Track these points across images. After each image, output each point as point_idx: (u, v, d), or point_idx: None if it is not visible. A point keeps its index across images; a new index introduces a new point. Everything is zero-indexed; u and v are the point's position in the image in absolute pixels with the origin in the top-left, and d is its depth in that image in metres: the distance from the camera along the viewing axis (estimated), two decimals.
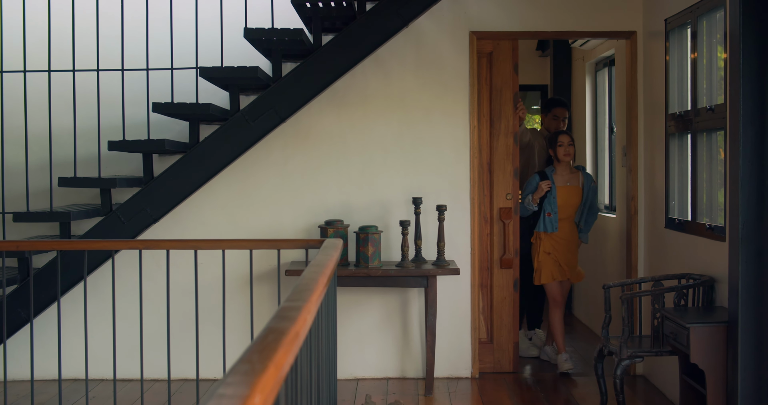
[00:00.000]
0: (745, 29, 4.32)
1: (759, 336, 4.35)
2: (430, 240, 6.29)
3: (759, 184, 4.34)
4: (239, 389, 1.45)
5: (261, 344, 1.77)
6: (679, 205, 5.72)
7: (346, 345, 6.24)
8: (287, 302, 2.27)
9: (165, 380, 6.10)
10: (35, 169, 6.09)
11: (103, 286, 6.01)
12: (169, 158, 6.07)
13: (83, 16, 5.90)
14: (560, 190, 6.48)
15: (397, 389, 6.06)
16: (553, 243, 6.52)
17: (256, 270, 6.15)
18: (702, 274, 5.11)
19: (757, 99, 4.34)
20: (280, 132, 6.16)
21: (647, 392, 5.98)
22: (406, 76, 6.31)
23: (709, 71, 5.26)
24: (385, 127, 6.30)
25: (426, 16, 6.18)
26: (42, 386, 6.05)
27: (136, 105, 6.01)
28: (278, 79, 5.61)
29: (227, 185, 6.27)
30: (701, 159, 5.33)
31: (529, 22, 6.34)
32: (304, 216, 6.30)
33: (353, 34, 5.57)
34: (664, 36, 5.88)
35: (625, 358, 4.98)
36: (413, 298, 6.35)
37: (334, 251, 3.66)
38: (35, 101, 6.01)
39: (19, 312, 5.37)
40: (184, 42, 5.87)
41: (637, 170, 6.38)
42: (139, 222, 5.54)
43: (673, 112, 5.75)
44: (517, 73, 6.49)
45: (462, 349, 6.37)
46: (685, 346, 4.55)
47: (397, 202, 6.32)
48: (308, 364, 2.57)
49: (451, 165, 6.32)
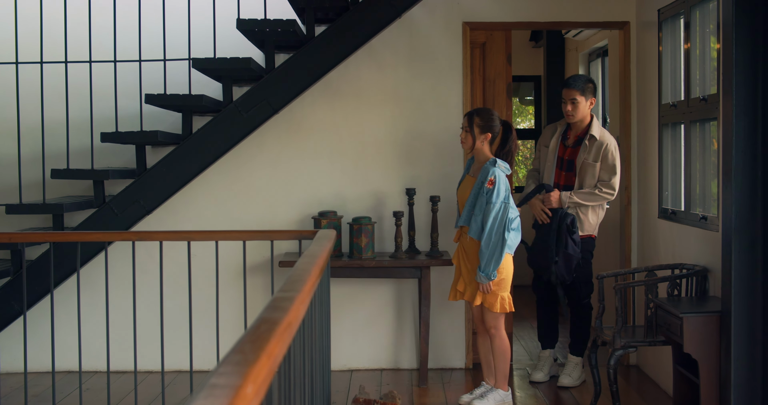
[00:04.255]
0: (738, 19, 4.32)
1: (751, 326, 4.36)
2: (424, 231, 6.29)
3: (752, 174, 4.35)
4: (231, 379, 1.45)
5: (253, 334, 1.77)
6: (673, 195, 5.73)
7: (339, 336, 6.25)
8: (280, 293, 2.27)
9: (159, 372, 6.10)
10: (28, 161, 6.07)
11: (97, 277, 6.00)
12: (162, 150, 6.06)
13: (75, 7, 5.87)
14: (464, 182, 5.46)
15: (390, 380, 6.07)
16: (460, 246, 5.43)
17: (250, 261, 6.14)
18: (695, 265, 5.12)
19: (750, 89, 4.34)
20: (273, 123, 6.15)
21: (641, 382, 6.00)
22: (399, 66, 6.31)
23: (702, 61, 5.26)
24: (378, 117, 6.29)
25: (419, 6, 6.17)
26: (35, 378, 6.04)
27: (128, 96, 6.00)
28: (271, 70, 5.59)
29: (220, 177, 6.26)
30: (694, 149, 5.33)
31: (522, 12, 6.33)
32: (298, 207, 6.30)
33: (346, 25, 5.55)
34: (657, 26, 5.88)
35: (618, 348, 4.99)
36: (407, 288, 6.35)
37: (328, 242, 3.66)
38: (28, 93, 5.98)
39: (12, 304, 5.36)
40: (176, 33, 5.85)
41: (630, 160, 6.38)
42: (133, 214, 5.53)
43: (666, 102, 5.76)
44: (511, 63, 6.49)
45: (456, 340, 6.37)
46: (678, 335, 4.56)
47: (390, 193, 6.31)
48: (301, 354, 2.57)
49: (445, 156, 6.32)
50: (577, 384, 5.89)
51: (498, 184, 5.09)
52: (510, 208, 5.11)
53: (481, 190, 5.12)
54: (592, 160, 5.64)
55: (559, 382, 5.88)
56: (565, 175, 5.78)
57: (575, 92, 5.66)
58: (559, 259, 5.58)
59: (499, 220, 5.07)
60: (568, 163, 5.77)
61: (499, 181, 5.10)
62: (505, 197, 5.10)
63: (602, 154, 5.64)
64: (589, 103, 5.74)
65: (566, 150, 5.81)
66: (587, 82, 5.76)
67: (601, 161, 5.64)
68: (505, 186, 5.14)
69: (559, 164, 5.81)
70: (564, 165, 5.79)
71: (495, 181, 5.10)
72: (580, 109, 5.71)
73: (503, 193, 5.11)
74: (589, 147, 5.67)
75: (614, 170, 5.64)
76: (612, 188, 5.64)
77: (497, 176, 5.11)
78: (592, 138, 5.67)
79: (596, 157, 5.64)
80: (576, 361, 5.94)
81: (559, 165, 5.81)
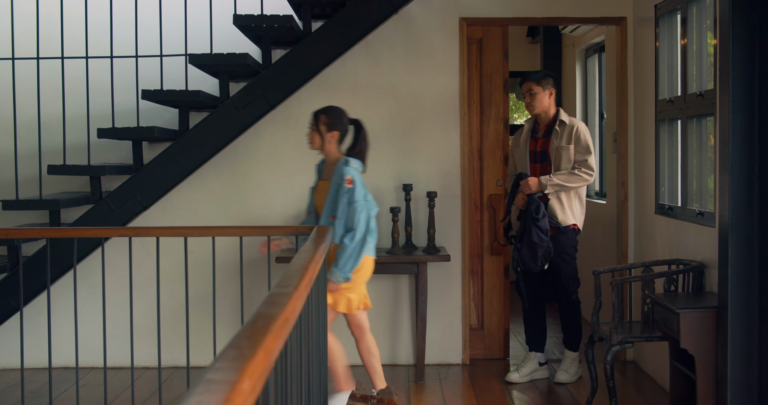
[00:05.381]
0: (734, 15, 4.32)
1: (748, 321, 4.36)
2: (421, 227, 6.29)
3: (748, 169, 4.35)
4: (228, 374, 1.44)
5: (250, 330, 1.76)
6: (669, 191, 5.73)
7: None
8: (277, 288, 2.27)
9: (155, 368, 6.10)
10: (24, 157, 6.06)
11: (93, 273, 6.00)
12: (159, 146, 6.05)
13: (72, 3, 5.86)
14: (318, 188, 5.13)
15: (387, 376, 6.07)
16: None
17: (246, 257, 6.14)
18: (692, 260, 5.12)
19: (747, 85, 4.33)
20: (269, 119, 6.14)
21: (637, 378, 6.01)
22: (396, 62, 6.30)
23: (698, 57, 5.26)
24: (375, 113, 6.29)
25: (416, 2, 6.16)
26: (32, 374, 6.04)
27: (125, 92, 5.98)
28: (268, 66, 5.59)
29: (217, 172, 6.26)
30: (691, 145, 5.34)
31: (519, 8, 6.33)
32: (294, 203, 6.30)
33: (343, 20, 5.55)
34: (654, 22, 5.88)
35: (615, 343, 4.99)
36: (404, 284, 6.35)
37: (324, 238, 3.66)
38: (24, 89, 5.97)
39: (9, 300, 5.36)
40: (173, 29, 5.84)
41: (627, 156, 6.38)
42: (129, 210, 5.53)
43: (663, 98, 5.76)
44: (507, 59, 6.49)
45: (453, 336, 6.38)
46: (675, 331, 4.56)
47: (387, 189, 6.31)
48: (298, 350, 2.57)
49: (441, 151, 6.32)
50: (573, 380, 5.89)
51: (356, 182, 4.83)
52: (372, 206, 4.89)
53: (340, 190, 4.82)
54: (565, 143, 5.67)
55: (555, 379, 5.87)
56: (540, 166, 5.78)
57: (531, 83, 5.77)
58: (522, 247, 5.58)
59: (365, 219, 4.80)
60: (541, 154, 5.79)
61: (356, 179, 4.84)
62: (364, 195, 4.85)
63: (574, 136, 5.67)
64: (548, 93, 5.80)
65: (537, 142, 5.83)
66: (544, 75, 5.86)
67: (575, 143, 5.66)
68: (362, 184, 4.86)
69: (532, 157, 5.81)
70: (537, 157, 5.80)
71: (353, 179, 4.82)
72: (538, 99, 5.77)
73: (362, 190, 4.84)
74: (560, 132, 5.71)
75: (589, 150, 5.66)
76: (590, 168, 5.62)
77: (353, 175, 4.84)
78: (562, 123, 5.73)
79: (569, 140, 5.67)
80: (572, 357, 5.93)
81: (533, 158, 5.81)
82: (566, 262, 5.73)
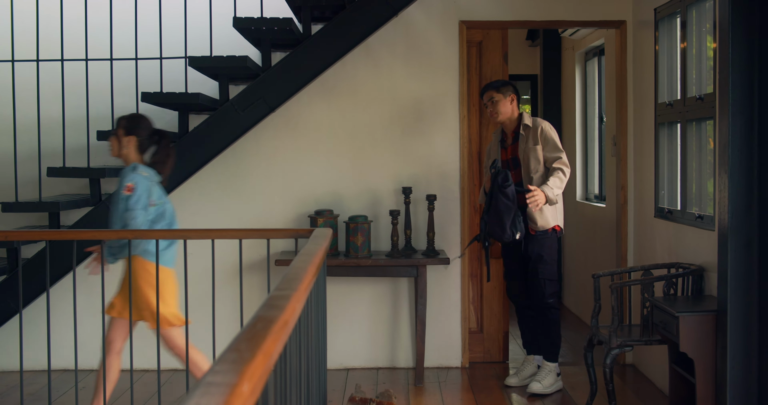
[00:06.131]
0: (734, 19, 4.33)
1: (747, 325, 4.37)
2: (420, 230, 6.29)
3: (748, 173, 4.35)
4: (227, 377, 1.44)
5: (250, 332, 1.76)
6: (669, 194, 5.73)
7: (336, 334, 6.24)
8: (276, 291, 2.27)
9: (155, 370, 6.09)
10: (24, 159, 6.06)
11: (93, 276, 5.98)
12: None
13: (71, 5, 5.87)
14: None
15: (387, 379, 6.07)
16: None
17: (246, 260, 6.14)
18: (691, 264, 5.12)
19: (746, 88, 4.34)
20: (269, 122, 6.15)
21: (637, 381, 6.00)
22: (396, 65, 6.30)
23: (698, 61, 5.26)
24: (374, 116, 6.29)
25: (415, 5, 6.17)
26: (31, 377, 6.03)
27: (125, 95, 5.98)
28: (267, 68, 5.59)
29: (217, 175, 6.26)
30: (691, 148, 5.34)
31: (519, 11, 6.33)
32: (294, 206, 6.30)
33: (343, 23, 5.55)
34: (653, 25, 5.88)
35: (614, 347, 4.99)
36: (403, 287, 6.35)
37: (324, 241, 3.66)
38: (24, 91, 5.97)
39: (8, 302, 5.36)
40: (173, 31, 5.84)
41: (626, 160, 6.38)
42: None
43: (663, 101, 5.76)
44: (507, 62, 6.50)
45: (452, 339, 6.38)
46: (674, 335, 4.56)
47: (386, 192, 6.31)
48: (297, 353, 2.56)
49: (441, 154, 6.32)
50: (548, 392, 5.66)
51: (137, 190, 4.62)
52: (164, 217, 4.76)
53: (118, 197, 4.62)
54: (533, 145, 5.64)
55: (528, 388, 5.68)
56: (514, 173, 5.71)
57: (491, 92, 5.74)
58: (489, 217, 5.50)
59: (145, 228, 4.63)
60: (513, 161, 5.75)
61: (138, 186, 4.62)
62: (145, 205, 4.65)
63: (540, 137, 5.65)
64: (510, 99, 5.74)
65: (508, 150, 5.80)
66: (503, 82, 5.82)
67: (542, 143, 5.64)
68: (147, 193, 4.66)
69: (505, 167, 5.75)
70: (510, 165, 5.77)
71: (134, 186, 4.61)
72: (500, 107, 5.71)
73: (144, 199, 4.64)
74: (525, 136, 5.69)
75: (557, 146, 5.64)
76: (565, 164, 5.57)
77: (137, 182, 4.63)
78: (526, 127, 5.70)
79: (536, 140, 5.65)
80: (549, 368, 5.73)
81: (506, 167, 5.75)
82: (545, 263, 5.65)
